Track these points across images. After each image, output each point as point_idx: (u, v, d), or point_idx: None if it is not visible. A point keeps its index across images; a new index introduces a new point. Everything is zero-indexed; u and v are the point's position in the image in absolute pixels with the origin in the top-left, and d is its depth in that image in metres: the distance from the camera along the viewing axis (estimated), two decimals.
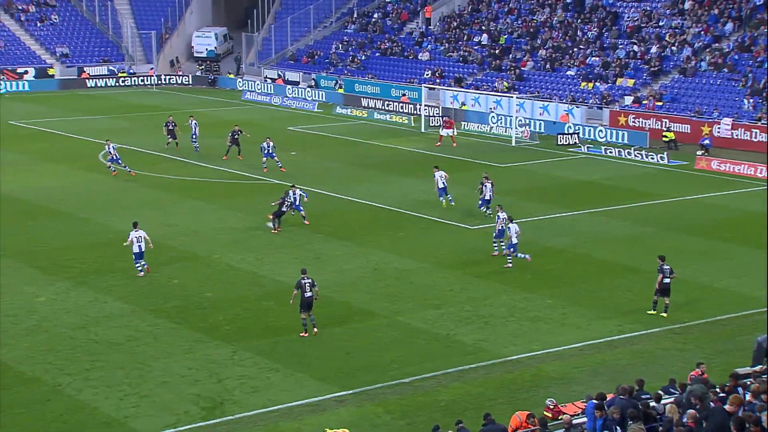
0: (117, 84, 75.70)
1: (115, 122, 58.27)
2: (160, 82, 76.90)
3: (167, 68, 79.99)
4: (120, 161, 42.29)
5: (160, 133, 49.12)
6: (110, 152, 42.41)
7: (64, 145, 50.68)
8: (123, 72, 77.04)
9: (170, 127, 48.51)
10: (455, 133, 51.74)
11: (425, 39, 71.62)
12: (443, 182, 36.90)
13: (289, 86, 71.23)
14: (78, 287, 27.80)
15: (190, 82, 77.42)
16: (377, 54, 72.46)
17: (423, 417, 20.23)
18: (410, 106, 62.15)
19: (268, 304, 26.93)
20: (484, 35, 68.05)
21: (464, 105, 60.53)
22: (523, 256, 30.12)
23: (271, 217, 34.13)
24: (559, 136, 52.79)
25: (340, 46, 74.88)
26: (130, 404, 20.56)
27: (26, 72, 73.25)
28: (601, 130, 53.72)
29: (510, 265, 30.04)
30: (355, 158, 48.28)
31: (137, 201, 38.55)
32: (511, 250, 30.02)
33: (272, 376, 22.18)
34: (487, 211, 35.20)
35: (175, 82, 77.42)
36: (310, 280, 24.47)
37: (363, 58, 72.30)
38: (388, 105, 64.00)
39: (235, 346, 23.73)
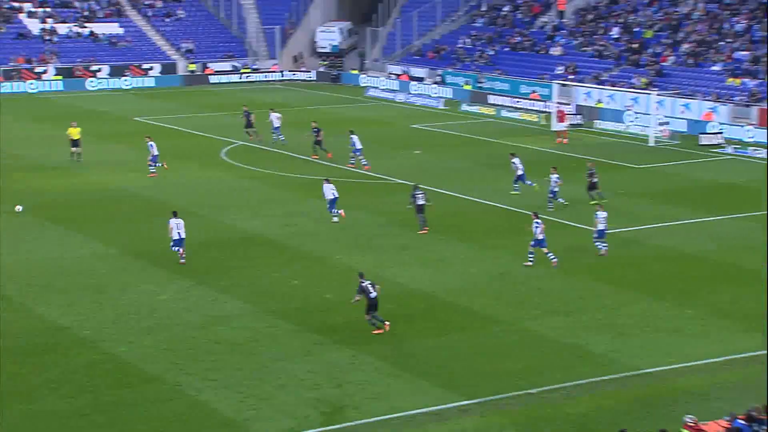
0: (240, 80, 77.48)
1: (238, 119, 59.61)
2: (282, 78, 78.36)
3: (291, 64, 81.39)
4: (156, 160, 42.55)
5: (285, 131, 49.94)
6: (150, 150, 42.91)
7: (187, 141, 52.17)
8: (246, 68, 78.81)
9: (248, 118, 50.27)
10: (567, 127, 51.25)
11: (558, 33, 70.72)
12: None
13: (413, 82, 71.48)
14: (199, 286, 28.55)
15: (314, 78, 78.60)
16: (506, 49, 71.97)
17: (550, 430, 19.96)
18: (540, 103, 61.51)
19: (389, 308, 27.03)
20: (617, 29, 66.70)
21: (599, 102, 59.49)
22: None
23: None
24: (701, 135, 51.33)
25: (468, 40, 74.68)
26: (249, 406, 20.99)
27: (151, 68, 75.72)
28: (749, 130, 51.92)
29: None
30: (482, 158, 48.07)
31: (257, 199, 39.37)
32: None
33: (393, 382, 22.28)
34: (550, 205, 36.26)
35: (298, 78, 78.74)
36: (369, 282, 24.87)
37: (491, 53, 71.92)
38: (517, 102, 63.49)
39: (355, 350, 23.94)
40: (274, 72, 78.81)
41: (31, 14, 77.24)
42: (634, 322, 25.91)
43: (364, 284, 24.83)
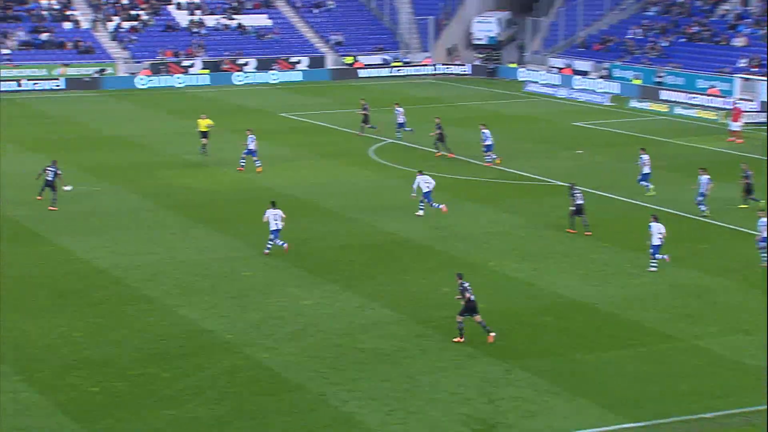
0: (390, 74, 78.17)
1: (387, 115, 60.14)
2: (435, 72, 78.64)
3: (444, 57, 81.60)
4: (255, 155, 43.76)
5: (429, 129, 50.07)
6: (248, 144, 44.03)
7: (334, 139, 52.99)
8: (397, 61, 79.47)
9: (364, 111, 51.45)
10: (741, 126, 49.48)
11: (741, 22, 68.39)
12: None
13: (577, 77, 70.51)
14: (345, 291, 28.94)
15: (468, 72, 78.56)
16: (682, 39, 70.11)
17: None
18: (720, 99, 59.63)
19: (546, 320, 26.77)
20: None
21: None
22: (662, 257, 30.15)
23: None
24: None
25: (639, 30, 73.11)
26: (396, 420, 21.13)
27: (299, 61, 77.28)
28: None
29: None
30: (652, 159, 46.87)
31: (407, 201, 39.58)
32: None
33: (550, 400, 22.02)
34: (702, 208, 36.59)
35: (451, 72, 78.87)
36: (468, 283, 25.02)
37: (665, 44, 70.19)
38: (692, 98, 61.73)
39: (509, 364, 23.77)
40: (426, 65, 79.18)
41: (179, 6, 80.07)
42: None
43: (465, 285, 24.97)
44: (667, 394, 22.22)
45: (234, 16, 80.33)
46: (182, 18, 79.39)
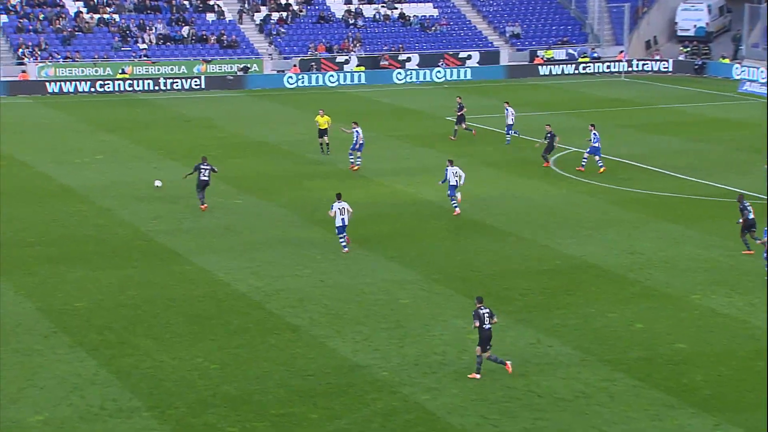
0: (576, 71, 77.58)
1: (574, 120, 59.72)
2: (630, 69, 77.64)
3: (641, 51, 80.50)
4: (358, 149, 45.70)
5: (620, 137, 49.44)
6: (356, 138, 46.17)
7: (509, 146, 52.87)
8: (584, 56, 78.84)
9: (460, 111, 53.25)
10: None
11: None
12: None
13: None
14: (517, 324, 28.80)
15: (670, 69, 77.34)
16: None
17: None
18: None
19: (763, 366, 26.00)
20: None
21: None
22: None
23: None
24: None
25: None
26: None
27: (469, 57, 77.55)
28: None
29: None
30: None
31: (592, 219, 39.18)
32: None
33: None
34: None
35: (650, 68, 77.73)
36: (488, 310, 25.38)
37: None
38: None
39: (718, 418, 23.20)
40: (619, 61, 78.26)
41: None
42: None
43: (481, 311, 25.29)
44: None
45: (396, 5, 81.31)
46: (337, 8, 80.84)
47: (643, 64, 78.34)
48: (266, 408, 23.71)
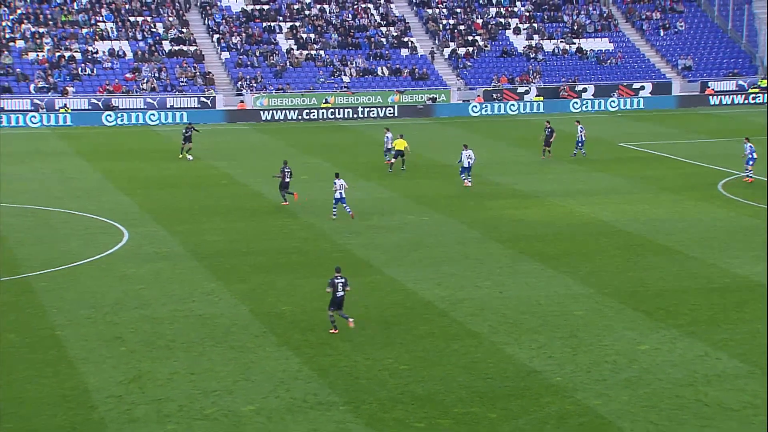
0: (745, 101, 75.19)
1: (740, 147, 57.85)
2: None
3: None
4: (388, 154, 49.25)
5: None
6: (386, 143, 51.30)
7: (679, 171, 51.63)
8: (754, 87, 76.33)
9: (546, 133, 53.29)
10: None
11: None
12: None
13: None
14: (686, 337, 28.03)
15: None
16: None
17: None
18: None
19: None
20: None
21: None
22: None
23: None
24: None
25: None
26: None
27: (642, 87, 76.15)
28: None
29: None
30: None
31: (759, 241, 37.86)
32: None
33: None
34: None
35: None
36: (343, 280, 27.98)
37: None
38: None
39: None
40: None
41: (517, 30, 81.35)
42: None
43: (335, 281, 27.93)
44: None
45: (574, 41, 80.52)
46: (519, 43, 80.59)
47: None
48: (449, 407, 23.72)
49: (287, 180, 43.65)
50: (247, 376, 25.42)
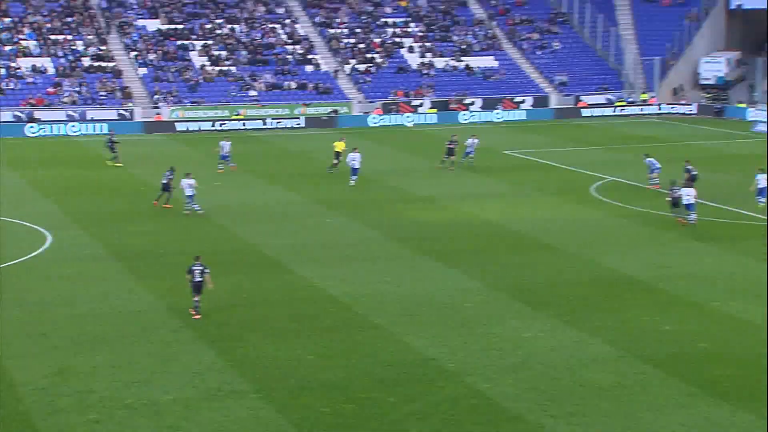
0: (614, 113, 76.85)
1: (611, 154, 59.16)
2: (660, 111, 76.68)
3: (669, 97, 79.50)
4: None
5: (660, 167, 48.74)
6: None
7: (557, 176, 52.50)
8: (621, 101, 78.06)
9: (451, 146, 52.88)
10: None
11: None
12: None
13: None
14: (564, 326, 28.52)
15: (694, 112, 76.20)
16: None
17: None
18: None
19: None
20: None
21: None
22: None
23: None
24: None
25: None
26: None
27: (523, 101, 77.27)
28: None
29: None
30: None
31: (629, 239, 38.72)
32: None
33: None
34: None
35: (676, 112, 76.70)
36: (200, 267, 28.45)
37: None
38: None
39: (735, 406, 22.71)
40: (651, 105, 77.33)
41: (411, 49, 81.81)
42: None
43: (193, 268, 28.45)
44: None
45: (462, 58, 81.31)
46: (413, 60, 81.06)
47: (671, 108, 77.28)
48: (353, 392, 23.75)
49: (165, 182, 43.62)
50: (166, 368, 25.09)
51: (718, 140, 63.90)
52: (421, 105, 76.04)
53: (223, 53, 78.63)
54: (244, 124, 71.69)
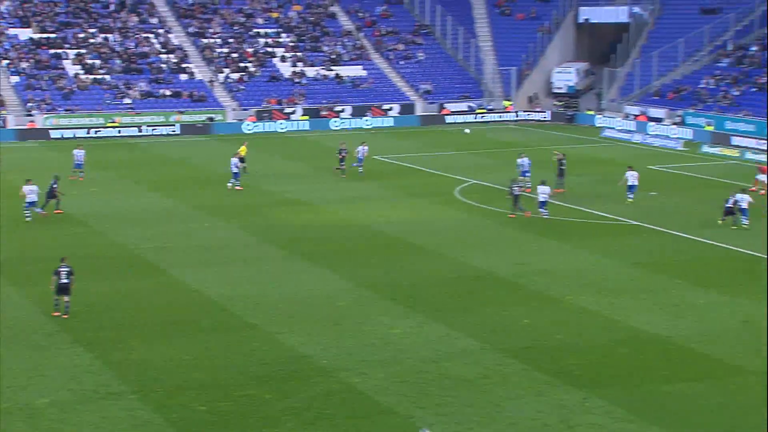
0: (475, 120, 78.24)
1: (473, 158, 60.21)
2: (517, 118, 78.46)
3: (525, 104, 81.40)
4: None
5: (511, 172, 49.82)
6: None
7: (424, 180, 53.12)
8: (481, 108, 79.54)
9: (343, 153, 52.79)
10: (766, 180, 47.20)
11: None
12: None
13: (651, 123, 69.62)
14: (431, 322, 28.89)
15: (548, 119, 78.20)
16: (753, 90, 68.76)
17: None
18: None
19: (622, 351, 26.36)
20: None
21: None
22: None
23: None
24: None
25: (711, 80, 71.99)
26: None
27: (391, 108, 77.90)
28: None
29: None
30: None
31: (490, 238, 39.48)
32: None
33: (625, 427, 21.63)
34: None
35: (532, 118, 78.59)
36: (67, 269, 28.23)
37: (736, 93, 68.95)
38: (763, 144, 60.43)
39: (586, 393, 23.44)
40: (508, 112, 79.04)
41: (283, 58, 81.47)
42: None
43: (59, 270, 28.18)
44: (739, 427, 21.62)
45: (332, 68, 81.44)
46: (285, 69, 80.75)
47: (527, 115, 79.17)
48: (229, 390, 23.53)
49: (49, 190, 42.61)
50: (41, 372, 24.35)
51: (570, 144, 65.75)
52: (293, 112, 75.80)
53: (97, 62, 76.66)
54: (119, 132, 70.06)
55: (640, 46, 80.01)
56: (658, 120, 70.23)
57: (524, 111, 79.53)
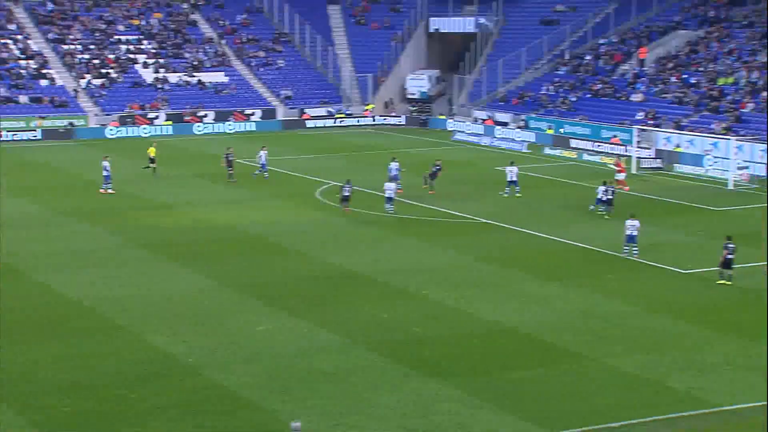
0: (334, 124, 78.42)
1: (333, 161, 60.32)
2: (374, 122, 79.03)
3: (382, 109, 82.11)
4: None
5: (375, 172, 50.23)
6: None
7: (286, 182, 52.85)
8: (340, 113, 79.78)
9: (230, 158, 52.17)
10: (624, 177, 49.77)
11: (638, 80, 69.90)
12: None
13: (498, 127, 71.35)
14: (294, 318, 28.76)
15: (403, 123, 79.07)
16: (588, 95, 71.39)
17: None
18: (621, 147, 60.75)
19: (473, 342, 26.88)
20: (697, 77, 65.57)
21: (678, 147, 58.49)
22: None
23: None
24: None
25: (551, 87, 74.34)
26: None
27: (253, 113, 77.23)
28: None
29: None
30: (565, 199, 47.59)
31: (352, 237, 39.61)
32: None
33: (478, 413, 22.06)
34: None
35: (388, 122, 79.32)
36: None
37: (574, 99, 71.43)
38: (598, 146, 62.81)
39: (441, 383, 23.79)
40: (366, 117, 79.54)
41: (145, 65, 79.60)
42: (717, 360, 25.18)
43: None
44: (581, 408, 22.39)
45: (194, 74, 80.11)
46: (148, 75, 78.95)
47: (383, 119, 79.87)
48: (95, 390, 22.86)
49: None
50: None
51: (425, 147, 66.73)
52: (156, 117, 74.16)
53: None
54: None
55: (487, 54, 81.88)
56: (504, 124, 72.02)
57: (381, 115, 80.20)
